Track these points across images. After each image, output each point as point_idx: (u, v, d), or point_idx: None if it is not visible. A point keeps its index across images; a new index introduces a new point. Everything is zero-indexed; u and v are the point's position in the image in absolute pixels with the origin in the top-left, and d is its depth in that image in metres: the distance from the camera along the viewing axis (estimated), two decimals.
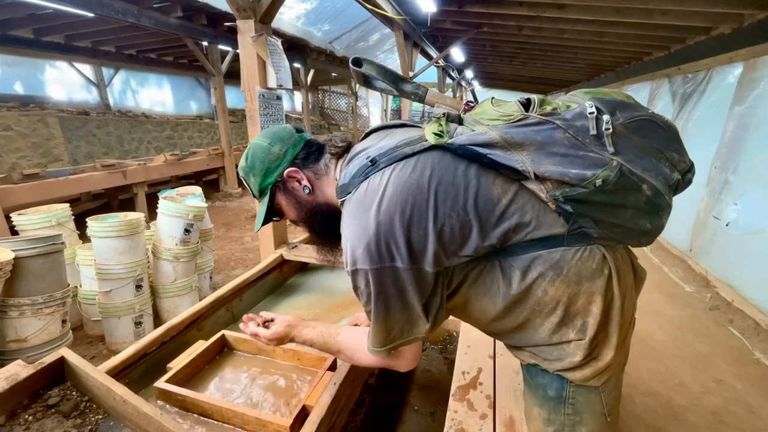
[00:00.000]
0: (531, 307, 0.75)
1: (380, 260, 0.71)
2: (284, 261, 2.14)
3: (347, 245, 0.74)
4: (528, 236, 0.71)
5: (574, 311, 0.73)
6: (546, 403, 0.82)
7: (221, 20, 5.54)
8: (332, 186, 0.89)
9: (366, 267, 0.71)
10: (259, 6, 1.80)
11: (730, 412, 1.93)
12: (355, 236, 0.72)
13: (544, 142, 0.69)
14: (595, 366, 0.75)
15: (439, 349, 2.48)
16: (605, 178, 0.65)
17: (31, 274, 1.97)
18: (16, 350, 1.97)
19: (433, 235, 0.70)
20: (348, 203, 0.78)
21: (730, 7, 2.95)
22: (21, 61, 6.24)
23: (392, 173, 0.73)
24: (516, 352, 0.86)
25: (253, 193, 0.94)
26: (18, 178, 3.77)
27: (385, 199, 0.71)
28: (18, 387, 0.94)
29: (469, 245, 0.71)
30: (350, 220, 0.75)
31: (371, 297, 0.74)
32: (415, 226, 0.70)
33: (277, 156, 0.90)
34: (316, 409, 1.08)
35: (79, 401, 1.01)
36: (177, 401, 1.15)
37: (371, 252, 0.70)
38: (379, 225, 0.70)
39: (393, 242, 0.70)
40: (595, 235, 0.70)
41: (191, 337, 1.49)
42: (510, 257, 0.73)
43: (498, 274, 0.75)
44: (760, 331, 2.57)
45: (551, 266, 0.71)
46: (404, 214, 0.70)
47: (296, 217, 0.94)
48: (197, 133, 8.54)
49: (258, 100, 1.86)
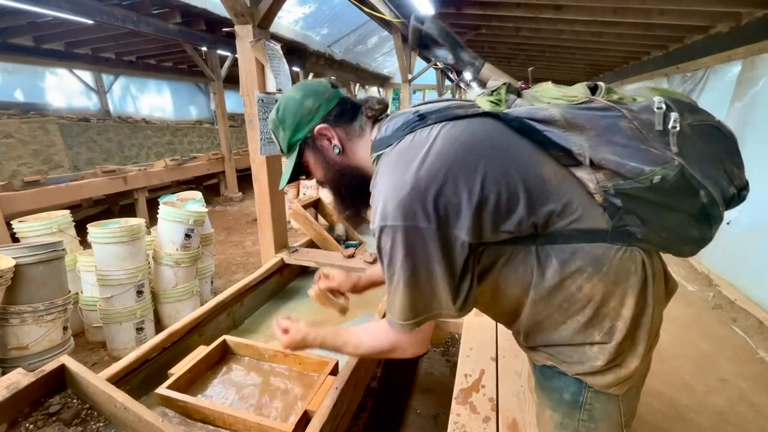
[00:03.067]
0: (559, 302, 0.71)
1: (414, 218, 0.65)
2: (285, 265, 2.14)
3: (380, 199, 0.68)
4: (572, 225, 0.67)
5: (604, 312, 0.69)
6: (560, 407, 0.79)
7: (220, 25, 5.57)
8: (365, 149, 0.84)
9: (397, 223, 0.66)
10: (257, 11, 1.81)
11: (734, 412, 1.92)
12: (391, 189, 0.67)
13: (607, 128, 0.66)
14: (618, 373, 0.71)
15: (441, 351, 2.47)
16: (664, 176, 0.62)
17: (32, 282, 1.96)
18: (17, 358, 1.97)
19: (477, 201, 0.65)
20: (387, 156, 0.73)
21: (727, 6, 2.96)
22: (21, 68, 6.26)
23: (442, 130, 0.69)
24: (531, 353, 0.82)
25: (281, 147, 0.90)
26: (19, 185, 3.78)
27: (431, 155, 0.67)
28: (19, 395, 0.93)
29: (512, 219, 0.67)
30: (388, 171, 0.70)
31: (396, 259, 0.68)
32: (459, 187, 0.65)
33: (310, 110, 0.85)
34: (318, 415, 1.08)
35: (80, 409, 1.00)
36: (178, 407, 1.15)
37: (405, 208, 0.65)
38: (419, 180, 0.65)
39: (431, 201, 0.65)
40: (639, 236, 0.67)
41: (192, 343, 1.49)
42: (549, 245, 0.69)
43: (533, 262, 0.70)
44: (764, 329, 2.56)
45: (592, 261, 0.67)
46: (449, 173, 0.66)
47: (322, 177, 0.90)
48: (197, 138, 8.56)
49: (257, 104, 1.86)
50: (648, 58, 5.09)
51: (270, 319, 1.87)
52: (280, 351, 1.38)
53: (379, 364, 2.29)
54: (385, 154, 0.74)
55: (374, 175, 0.75)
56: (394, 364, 2.35)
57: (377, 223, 0.69)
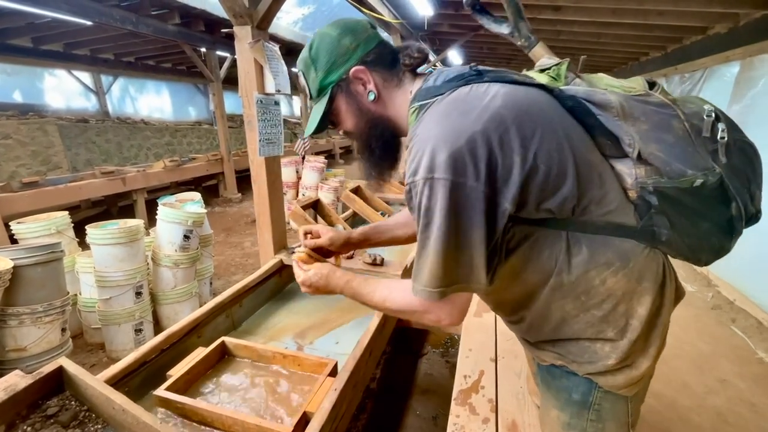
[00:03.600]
0: (578, 293, 0.69)
1: (464, 174, 0.60)
2: (284, 266, 2.13)
3: (425, 148, 0.62)
4: (606, 216, 0.67)
5: (622, 309, 0.69)
6: (568, 407, 0.77)
7: (219, 26, 5.57)
8: (402, 100, 0.79)
9: (444, 177, 0.60)
10: (255, 12, 1.81)
11: (734, 413, 1.92)
12: (442, 138, 0.61)
13: (659, 125, 0.66)
14: (629, 374, 0.71)
15: (441, 352, 2.47)
16: (705, 181, 0.63)
17: (30, 283, 1.96)
18: (15, 359, 1.96)
19: (528, 170, 0.62)
20: (437, 105, 0.68)
21: (725, 7, 2.96)
22: (20, 69, 6.26)
23: (501, 89, 0.65)
24: (537, 351, 0.81)
25: (309, 90, 0.83)
26: (17, 187, 3.78)
27: (489, 110, 0.62)
28: (16, 397, 0.93)
29: (556, 198, 0.64)
30: (439, 120, 0.64)
31: (435, 217, 0.62)
32: (514, 151, 0.62)
33: (347, 50, 0.77)
34: (317, 416, 1.07)
35: (78, 411, 1.00)
36: (177, 409, 1.14)
37: (456, 161, 0.60)
38: (475, 134, 0.60)
39: (484, 158, 0.60)
40: (663, 238, 0.67)
41: (191, 344, 1.48)
42: (581, 233, 0.67)
43: (560, 248, 0.68)
44: (763, 330, 2.56)
45: (620, 256, 0.67)
46: (506, 134, 0.61)
47: (353, 126, 0.83)
48: (196, 138, 8.56)
49: (256, 105, 1.86)
50: (647, 58, 5.10)
51: (269, 321, 1.87)
52: (279, 352, 1.37)
53: (379, 365, 2.28)
54: (435, 103, 0.68)
55: (416, 125, 0.69)
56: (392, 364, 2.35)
57: (420, 174, 0.62)
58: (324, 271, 0.92)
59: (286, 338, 1.72)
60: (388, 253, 2.14)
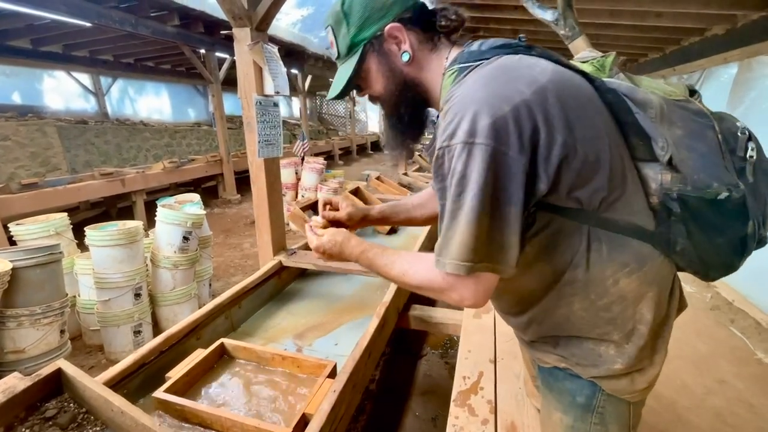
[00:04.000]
0: (588, 292, 0.67)
1: (507, 143, 0.56)
2: (283, 267, 2.13)
3: (466, 111, 0.58)
4: (628, 216, 0.66)
5: (630, 313, 0.68)
6: (572, 410, 0.76)
7: (218, 28, 5.58)
8: (436, 65, 0.75)
9: (486, 143, 0.56)
10: (254, 14, 1.81)
11: (733, 413, 1.92)
12: (485, 103, 0.57)
13: (695, 133, 0.65)
14: (636, 380, 0.71)
15: (440, 353, 2.47)
16: (729, 196, 0.63)
17: (29, 285, 1.95)
18: (14, 361, 1.96)
19: (567, 152, 0.59)
20: (481, 68, 0.64)
21: (723, 9, 2.97)
22: (19, 71, 6.26)
23: (550, 65, 0.63)
24: (539, 354, 0.80)
25: (338, 48, 0.77)
26: (16, 188, 3.77)
27: (539, 82, 0.59)
28: (15, 400, 0.93)
29: (587, 188, 0.62)
30: (484, 83, 0.61)
31: (471, 184, 0.57)
32: (557, 129, 0.59)
33: (383, 5, 0.72)
34: (316, 418, 1.07)
35: (77, 413, 1.00)
36: (176, 411, 1.14)
37: (501, 128, 0.56)
38: (521, 103, 0.57)
39: (529, 130, 0.57)
40: (678, 248, 0.67)
41: (190, 346, 1.48)
42: (603, 229, 0.65)
43: (579, 242, 0.66)
44: (762, 330, 2.56)
45: (636, 258, 0.66)
46: (553, 109, 0.59)
47: (382, 89, 0.77)
48: (195, 140, 8.56)
49: (255, 107, 1.86)
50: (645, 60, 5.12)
51: (268, 322, 1.87)
52: (278, 354, 1.37)
53: (378, 366, 2.28)
54: (480, 66, 0.64)
55: (455, 86, 0.64)
56: (391, 366, 2.35)
57: (459, 138, 0.58)
58: (338, 238, 0.86)
59: (286, 340, 1.72)
60: None
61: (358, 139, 12.97)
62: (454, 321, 1.99)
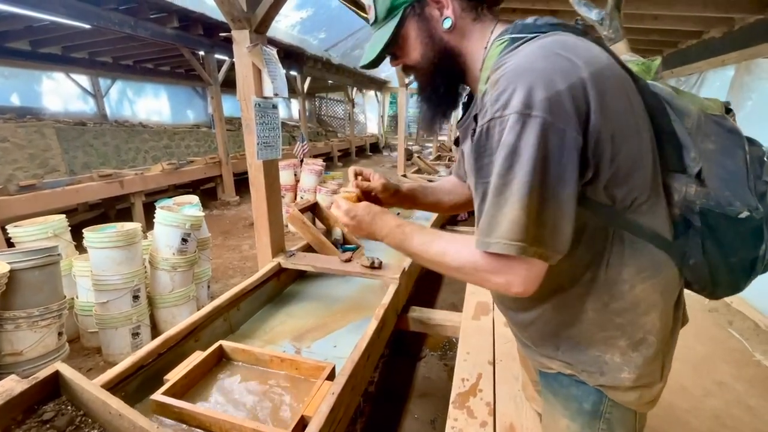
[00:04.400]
0: (602, 294, 0.67)
1: (565, 120, 0.54)
2: (282, 269, 2.13)
3: (522, 82, 0.55)
4: (651, 222, 0.65)
5: (642, 322, 0.67)
6: (579, 417, 0.75)
7: (217, 30, 5.59)
8: (479, 36, 0.71)
9: (545, 117, 0.53)
10: (254, 16, 1.82)
11: (731, 415, 1.92)
12: (543, 76, 0.54)
13: (726, 150, 0.66)
14: (643, 394, 0.70)
15: (439, 355, 2.47)
16: (749, 216, 0.63)
17: (27, 287, 1.95)
18: (11, 364, 1.95)
19: (612, 141, 0.58)
20: (538, 40, 0.60)
21: (720, 12, 2.99)
22: (18, 72, 6.26)
23: (604, 53, 0.60)
24: (542, 359, 0.79)
25: (376, 11, 0.73)
26: (14, 190, 3.76)
27: (596, 65, 0.57)
28: (12, 402, 0.93)
29: (624, 186, 0.61)
30: (543, 55, 0.57)
31: (525, 158, 0.54)
32: (609, 118, 0.56)
33: None
34: (315, 420, 1.07)
35: (75, 416, 1.00)
36: (174, 414, 1.14)
37: (559, 104, 0.53)
38: (580, 82, 0.55)
39: (585, 112, 0.55)
40: (691, 262, 0.67)
41: (188, 348, 1.48)
42: (627, 231, 0.64)
43: (603, 240, 0.65)
44: (760, 332, 2.57)
45: (653, 264, 0.66)
46: (606, 97, 0.56)
47: (419, 56, 0.73)
48: (194, 141, 8.55)
49: (254, 109, 1.86)
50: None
51: (267, 324, 1.86)
52: (277, 356, 1.37)
53: (377, 369, 2.28)
54: (536, 39, 0.60)
55: (507, 56, 0.60)
56: (390, 368, 2.35)
57: (513, 108, 0.54)
58: (375, 209, 0.81)
59: (284, 342, 1.72)
60: (387, 256, 2.14)
61: (357, 141, 12.99)
62: (453, 323, 1.99)
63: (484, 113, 0.60)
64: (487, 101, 0.60)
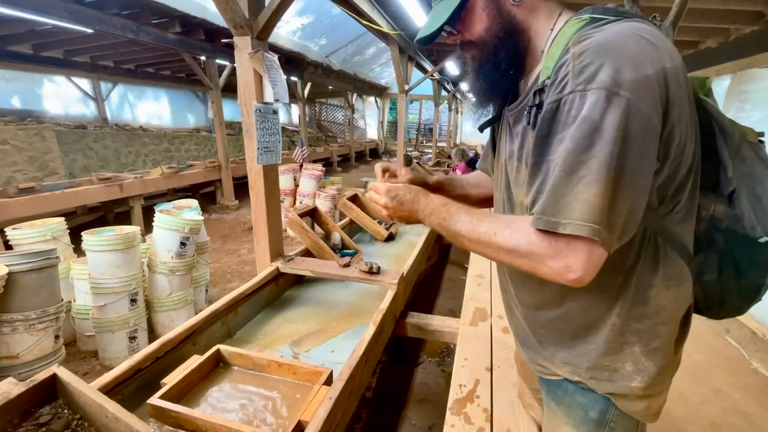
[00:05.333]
0: (628, 297, 0.66)
1: (650, 105, 0.53)
2: (280, 274, 2.13)
3: (611, 57, 0.53)
4: (681, 232, 0.66)
5: (660, 331, 0.68)
6: (584, 425, 0.75)
7: (219, 35, 5.63)
8: (545, 13, 0.69)
9: (633, 98, 0.52)
10: (255, 23, 1.84)
11: (728, 423, 1.92)
12: (634, 56, 0.53)
13: (757, 175, 0.67)
14: (649, 404, 0.71)
15: (437, 362, 2.47)
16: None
17: (24, 290, 1.95)
18: (7, 367, 1.94)
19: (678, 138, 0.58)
20: (626, 23, 0.58)
21: (716, 23, 3.04)
22: (19, 75, 6.29)
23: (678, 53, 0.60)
24: (550, 365, 0.79)
25: None
26: (13, 192, 3.76)
27: (677, 58, 0.57)
28: (9, 405, 0.93)
29: (672, 188, 0.62)
30: (635, 37, 0.55)
31: (608, 139, 0.52)
32: (679, 113, 0.56)
33: None
34: (312, 425, 1.07)
35: (71, 419, 0.99)
36: (171, 418, 1.13)
37: (647, 89, 0.53)
38: (664, 71, 0.54)
39: (665, 102, 0.55)
40: (705, 278, 0.69)
41: (186, 352, 1.48)
42: (661, 237, 0.65)
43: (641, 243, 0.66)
44: (757, 340, 2.57)
45: (677, 274, 0.66)
46: (681, 91, 0.57)
47: (484, 30, 0.70)
48: (194, 146, 8.58)
49: (255, 114, 1.88)
50: None
51: (264, 329, 1.86)
52: (274, 361, 1.37)
53: (374, 374, 2.27)
54: (621, 21, 0.59)
55: (596, 30, 0.57)
56: (388, 374, 2.34)
57: (600, 83, 0.52)
58: (414, 188, 0.78)
59: (282, 346, 1.71)
60: (385, 261, 2.14)
61: (357, 146, 13.03)
62: (451, 329, 2.00)
63: (561, 86, 0.57)
64: (564, 73, 0.57)
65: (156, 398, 1.16)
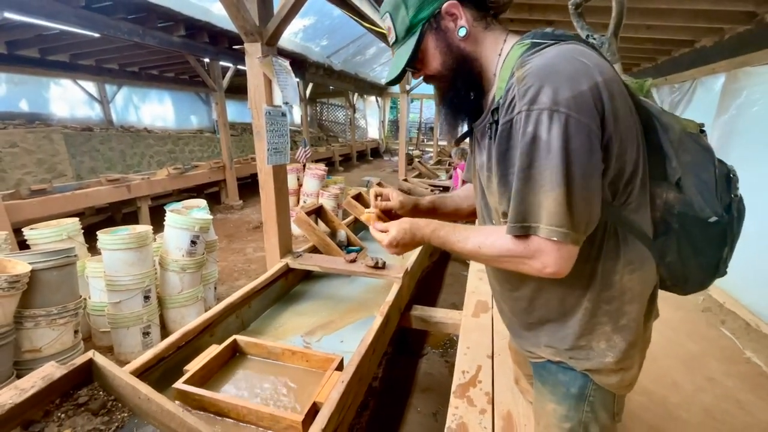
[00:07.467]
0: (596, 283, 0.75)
1: (588, 116, 0.61)
2: (290, 269, 2.22)
3: (547, 80, 0.62)
4: (639, 220, 0.73)
5: (626, 310, 0.76)
6: (566, 401, 0.83)
7: (222, 38, 5.71)
8: (491, 42, 0.78)
9: (571, 113, 0.60)
10: (265, 30, 1.92)
11: (721, 409, 2.00)
12: (568, 76, 0.62)
13: (700, 163, 0.75)
14: (622, 377, 0.79)
15: (440, 353, 2.55)
16: (718, 221, 0.73)
17: (46, 286, 2.04)
18: (30, 360, 2.03)
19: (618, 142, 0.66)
20: (559, 46, 0.67)
21: (711, 22, 3.10)
22: (26, 79, 6.39)
23: (610, 67, 0.68)
24: (533, 347, 0.87)
25: (396, 32, 0.81)
26: (26, 194, 3.86)
27: (608, 75, 0.65)
28: (52, 386, 1.01)
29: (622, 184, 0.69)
30: (566, 58, 0.64)
31: (556, 150, 0.61)
32: (616, 119, 0.64)
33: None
34: (326, 406, 1.16)
35: (106, 400, 1.08)
36: (194, 401, 1.22)
37: (583, 102, 0.61)
38: (597, 85, 0.62)
39: (601, 112, 0.63)
40: (667, 259, 0.77)
41: (204, 343, 1.56)
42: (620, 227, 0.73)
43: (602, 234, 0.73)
44: (751, 331, 2.65)
45: (638, 258, 0.74)
46: (615, 101, 0.64)
47: (440, 65, 0.80)
48: (198, 147, 8.67)
49: (264, 117, 1.96)
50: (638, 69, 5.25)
51: (276, 321, 1.95)
52: (288, 349, 1.46)
53: (380, 365, 2.36)
54: (557, 45, 0.67)
55: (530, 57, 0.66)
56: (394, 365, 2.43)
57: (541, 104, 0.61)
58: (406, 226, 0.87)
59: (293, 337, 1.80)
60: (389, 257, 2.23)
61: (358, 146, 13.10)
62: (454, 320, 2.08)
63: (511, 107, 0.67)
64: (512, 95, 0.67)
65: (181, 383, 1.24)
